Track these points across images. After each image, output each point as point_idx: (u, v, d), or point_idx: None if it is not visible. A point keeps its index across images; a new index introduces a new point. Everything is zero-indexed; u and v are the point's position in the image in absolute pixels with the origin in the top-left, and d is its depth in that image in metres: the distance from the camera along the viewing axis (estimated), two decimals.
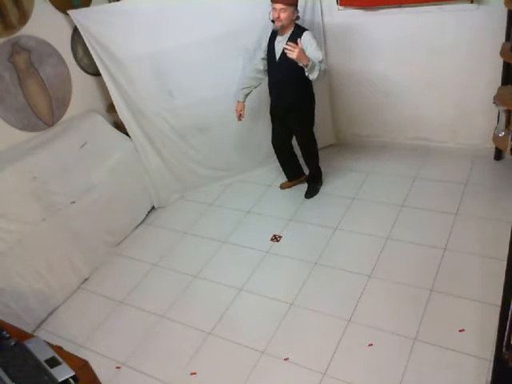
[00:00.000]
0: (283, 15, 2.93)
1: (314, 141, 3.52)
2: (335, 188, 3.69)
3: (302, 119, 3.34)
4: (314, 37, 3.02)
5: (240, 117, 3.42)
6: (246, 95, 3.39)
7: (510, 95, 3.04)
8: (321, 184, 3.73)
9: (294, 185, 3.82)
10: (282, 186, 3.84)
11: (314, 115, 3.39)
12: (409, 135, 3.93)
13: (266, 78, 3.33)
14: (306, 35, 2.97)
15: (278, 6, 2.91)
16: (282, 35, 3.06)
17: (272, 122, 3.51)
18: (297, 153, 3.68)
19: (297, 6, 2.98)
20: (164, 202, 3.93)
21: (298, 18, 3.04)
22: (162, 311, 2.91)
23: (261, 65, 3.28)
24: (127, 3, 3.33)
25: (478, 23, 3.16)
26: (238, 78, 3.50)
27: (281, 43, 3.05)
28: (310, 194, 3.66)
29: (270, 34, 3.15)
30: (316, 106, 3.36)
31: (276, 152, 3.65)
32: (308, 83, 3.18)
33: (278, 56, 3.11)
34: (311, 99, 3.31)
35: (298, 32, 3.00)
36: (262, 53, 3.25)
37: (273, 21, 2.99)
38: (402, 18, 3.37)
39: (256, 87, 3.39)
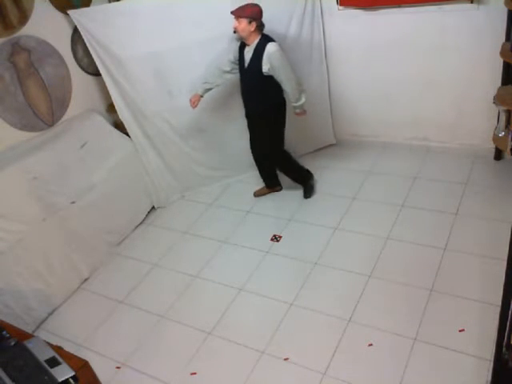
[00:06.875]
0: (239, 27, 2.97)
1: (277, 152, 3.43)
2: (335, 188, 3.69)
3: (266, 126, 3.29)
4: (280, 54, 2.99)
5: (194, 106, 3.34)
6: (207, 90, 3.34)
7: (510, 95, 3.04)
8: (312, 178, 3.67)
9: (269, 193, 3.76)
10: (256, 194, 3.77)
11: (280, 125, 3.33)
12: (409, 135, 3.93)
13: (228, 82, 3.33)
14: (269, 48, 2.96)
15: (234, 17, 2.95)
16: (248, 45, 3.08)
17: (248, 128, 3.49)
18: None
19: (255, 18, 2.94)
20: (164, 202, 3.93)
21: (262, 27, 3.03)
22: (162, 311, 2.91)
23: (227, 66, 3.27)
24: (127, 3, 3.33)
25: (478, 23, 3.16)
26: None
27: (248, 53, 3.07)
28: (308, 193, 3.64)
29: (239, 43, 3.16)
30: (316, 106, 3.36)
31: (253, 158, 3.60)
32: (273, 93, 3.17)
33: (246, 65, 3.12)
34: (275, 109, 3.26)
35: (263, 42, 3.01)
36: (230, 55, 3.25)
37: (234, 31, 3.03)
38: (402, 18, 3.37)
39: (218, 86, 3.37)
